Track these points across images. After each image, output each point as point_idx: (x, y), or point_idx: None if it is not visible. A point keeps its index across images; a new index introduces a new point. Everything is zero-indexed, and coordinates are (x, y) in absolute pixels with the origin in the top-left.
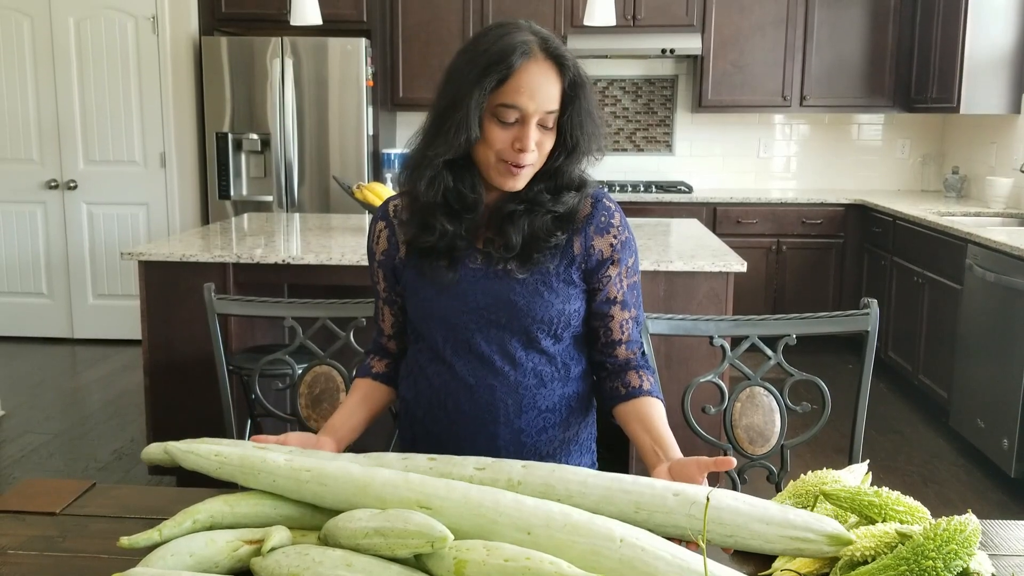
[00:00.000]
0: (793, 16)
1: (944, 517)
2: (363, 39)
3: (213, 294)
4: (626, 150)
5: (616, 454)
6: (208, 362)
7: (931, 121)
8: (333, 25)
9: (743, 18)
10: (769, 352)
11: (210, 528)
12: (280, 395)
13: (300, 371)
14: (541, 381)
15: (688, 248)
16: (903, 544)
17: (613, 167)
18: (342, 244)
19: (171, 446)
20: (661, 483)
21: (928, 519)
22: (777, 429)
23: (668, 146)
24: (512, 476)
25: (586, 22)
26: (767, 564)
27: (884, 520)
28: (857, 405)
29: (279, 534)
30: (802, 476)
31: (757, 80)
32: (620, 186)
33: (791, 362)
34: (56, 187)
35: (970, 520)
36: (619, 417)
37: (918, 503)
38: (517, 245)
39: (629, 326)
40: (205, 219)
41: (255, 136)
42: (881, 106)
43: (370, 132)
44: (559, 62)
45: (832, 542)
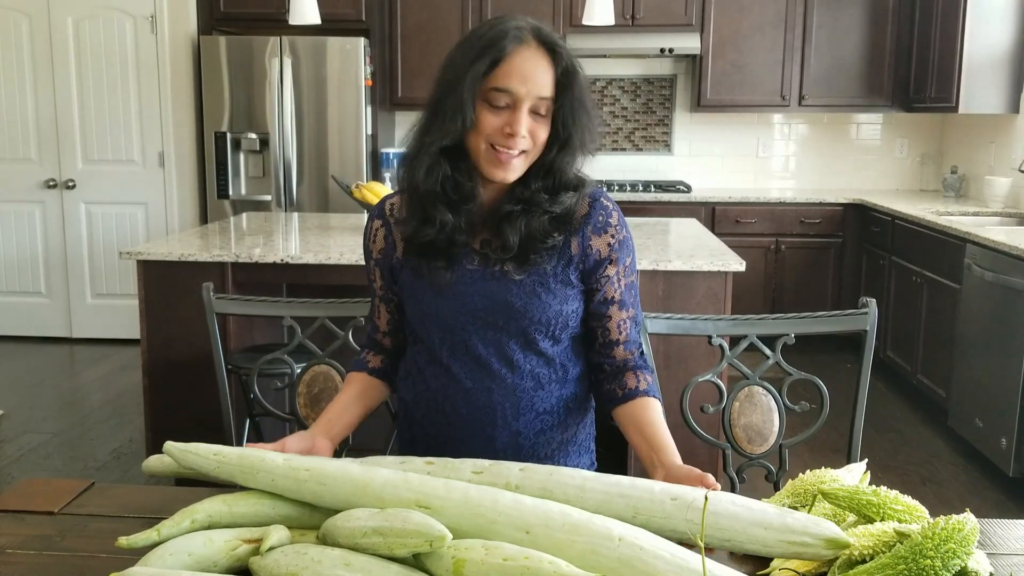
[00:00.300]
0: (792, 16)
1: (942, 516)
2: (362, 38)
3: (212, 293)
4: (625, 150)
5: (615, 452)
6: (207, 361)
7: (930, 121)
8: (332, 24)
9: (742, 18)
10: (768, 351)
11: (209, 527)
12: (279, 394)
13: (299, 370)
14: (539, 383)
15: (687, 247)
16: (901, 543)
17: (612, 166)
18: (341, 243)
19: (170, 446)
20: (659, 487)
21: (926, 518)
22: (776, 428)
23: (667, 146)
24: (510, 480)
25: (585, 21)
26: (766, 563)
27: (882, 519)
28: (856, 404)
29: (278, 533)
30: (800, 475)
31: (756, 80)
32: (619, 185)
33: (790, 361)
34: (55, 186)
35: (968, 519)
36: (617, 420)
37: (916, 502)
38: (514, 246)
39: (627, 326)
40: (204, 218)
41: (254, 135)
42: (880, 106)
43: (369, 132)
44: (552, 49)
45: (830, 546)
